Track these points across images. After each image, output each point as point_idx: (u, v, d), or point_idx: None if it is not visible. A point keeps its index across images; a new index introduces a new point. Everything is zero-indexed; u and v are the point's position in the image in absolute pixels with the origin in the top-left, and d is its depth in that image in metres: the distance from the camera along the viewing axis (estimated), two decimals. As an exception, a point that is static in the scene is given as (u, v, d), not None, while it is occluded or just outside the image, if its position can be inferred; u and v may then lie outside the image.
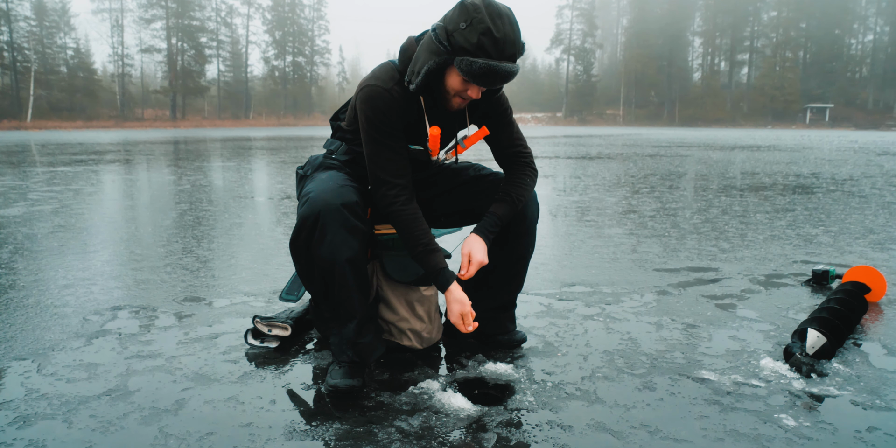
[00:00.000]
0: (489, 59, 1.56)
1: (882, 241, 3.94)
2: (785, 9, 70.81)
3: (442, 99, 1.74)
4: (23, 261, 3.28)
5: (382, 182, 1.76)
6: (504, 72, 1.58)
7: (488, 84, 1.63)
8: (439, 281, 1.77)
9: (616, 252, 3.59)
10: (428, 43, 1.64)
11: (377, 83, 1.74)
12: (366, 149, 1.77)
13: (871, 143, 21.71)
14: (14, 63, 49.28)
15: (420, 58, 1.67)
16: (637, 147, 17.66)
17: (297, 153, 13.80)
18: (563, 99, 73.96)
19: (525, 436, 1.51)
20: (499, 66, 1.57)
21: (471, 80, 1.61)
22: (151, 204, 5.64)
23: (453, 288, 1.76)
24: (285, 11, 66.35)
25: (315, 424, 1.56)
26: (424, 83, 1.68)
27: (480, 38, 1.55)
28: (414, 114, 1.78)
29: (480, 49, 1.56)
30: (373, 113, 1.72)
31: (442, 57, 1.61)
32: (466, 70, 1.58)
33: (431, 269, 1.76)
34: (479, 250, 1.80)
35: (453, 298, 1.76)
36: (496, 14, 1.56)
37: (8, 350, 2.02)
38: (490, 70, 1.57)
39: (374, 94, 1.72)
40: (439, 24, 1.62)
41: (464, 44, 1.57)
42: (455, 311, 1.76)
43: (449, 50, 1.59)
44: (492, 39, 1.55)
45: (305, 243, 1.70)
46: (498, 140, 1.95)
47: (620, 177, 8.41)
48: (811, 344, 1.94)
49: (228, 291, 2.73)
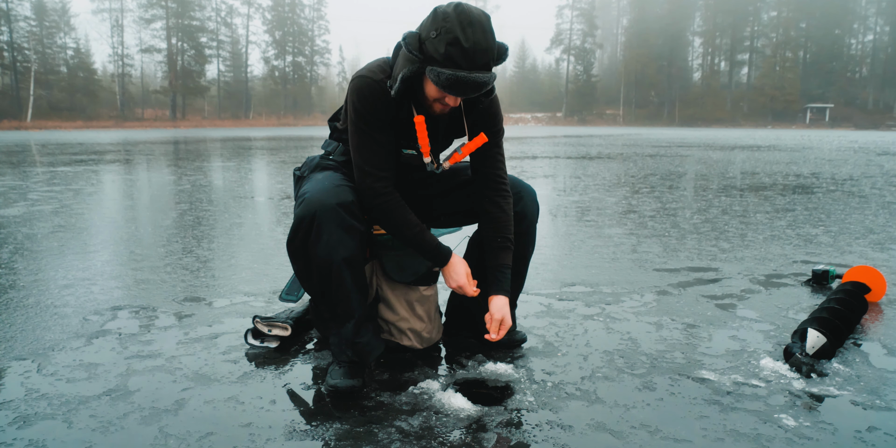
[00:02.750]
0: (457, 70, 1.54)
1: (882, 241, 3.94)
2: (785, 9, 70.80)
3: (424, 105, 1.74)
4: (23, 261, 3.28)
5: (367, 174, 1.74)
6: (473, 83, 1.56)
7: (460, 94, 1.60)
8: (441, 254, 1.79)
9: (616, 252, 3.59)
10: (404, 50, 1.63)
11: (368, 74, 1.73)
12: (351, 140, 1.77)
13: (871, 143, 21.71)
14: (14, 63, 49.27)
15: (398, 64, 1.67)
16: (637, 147, 17.66)
17: (296, 153, 13.80)
18: (563, 99, 73.94)
19: (525, 436, 1.51)
20: (468, 76, 1.54)
21: (441, 89, 1.60)
22: (151, 204, 5.64)
23: (454, 258, 1.81)
24: (285, 11, 66.33)
25: (315, 424, 1.56)
26: (403, 89, 1.67)
27: (448, 49, 1.53)
28: (403, 110, 1.77)
29: (448, 59, 1.54)
30: (361, 104, 1.72)
31: (415, 65, 1.60)
32: (435, 80, 1.57)
33: (428, 245, 1.78)
34: (509, 315, 1.80)
35: (456, 262, 1.81)
36: (467, 22, 1.53)
37: (8, 350, 2.02)
38: (458, 81, 1.55)
39: (364, 84, 1.72)
40: (413, 33, 1.60)
41: (433, 53, 1.55)
42: (461, 271, 1.80)
43: (421, 59, 1.58)
44: (460, 50, 1.52)
45: (302, 243, 1.70)
46: (482, 159, 1.89)
47: (620, 177, 8.41)
48: (811, 344, 1.94)
49: (228, 291, 2.73)
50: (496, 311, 1.79)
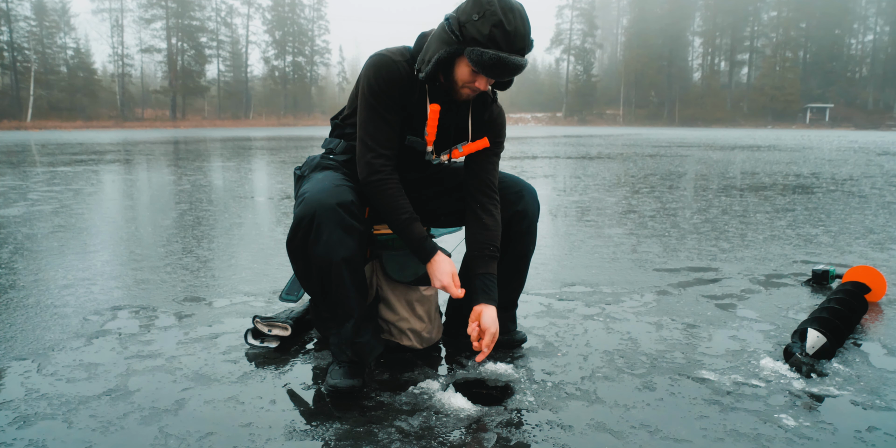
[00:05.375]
0: (499, 51, 1.60)
1: (882, 241, 3.94)
2: (785, 9, 70.81)
3: (450, 89, 1.76)
4: (23, 261, 3.28)
5: (369, 149, 1.75)
6: (513, 64, 1.62)
7: (497, 75, 1.66)
8: (426, 248, 1.77)
9: (616, 252, 3.59)
10: (440, 32, 1.68)
11: (388, 54, 1.77)
12: (360, 116, 1.78)
13: (871, 143, 21.71)
14: (14, 63, 49.28)
15: (431, 47, 1.70)
16: (637, 147, 17.66)
17: (296, 153, 13.80)
18: (563, 99, 73.96)
19: (525, 436, 1.51)
20: (508, 58, 1.61)
21: (480, 70, 1.64)
22: (151, 204, 5.64)
23: (438, 256, 1.77)
24: (285, 11, 66.35)
25: (315, 424, 1.56)
26: (434, 71, 1.70)
27: (492, 30, 1.58)
28: (415, 95, 1.79)
29: (491, 40, 1.59)
30: (376, 80, 1.74)
31: (453, 46, 1.64)
32: (476, 60, 1.62)
33: (415, 236, 1.76)
34: (494, 322, 1.73)
35: (441, 260, 1.76)
36: (508, 8, 1.60)
37: (8, 350, 2.02)
38: (500, 61, 1.60)
39: (382, 62, 1.75)
40: (452, 15, 1.66)
41: (475, 35, 1.60)
42: (447, 270, 1.75)
43: (460, 40, 1.63)
44: (503, 32, 1.58)
45: (302, 243, 1.69)
46: (479, 164, 1.90)
47: (620, 177, 8.41)
48: (811, 344, 1.94)
49: (228, 291, 2.73)
50: (488, 321, 1.72)
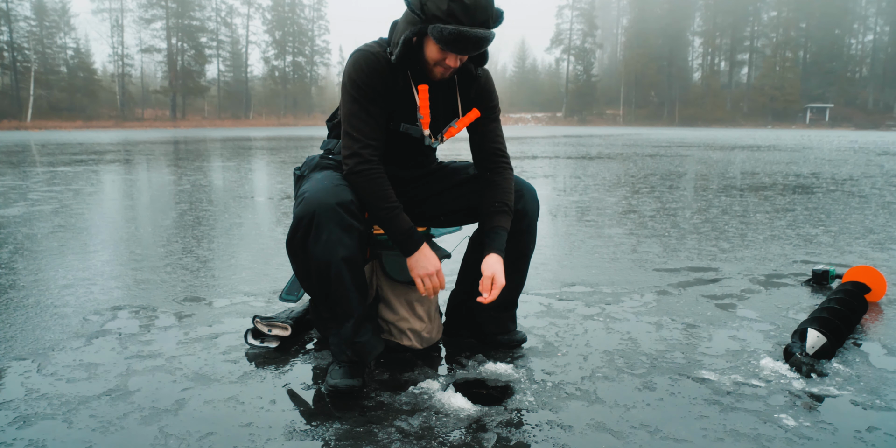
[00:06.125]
0: (460, 25, 1.61)
1: (882, 241, 3.94)
2: (785, 9, 70.82)
3: (425, 70, 1.77)
4: (23, 261, 3.28)
5: (355, 140, 1.74)
6: (475, 37, 1.62)
7: (461, 50, 1.66)
8: (413, 239, 1.74)
9: (616, 252, 3.59)
10: (405, 14, 1.71)
11: (365, 47, 1.79)
12: (343, 109, 1.79)
13: (871, 143, 21.71)
14: (14, 63, 49.28)
15: (398, 29, 1.73)
16: (637, 147, 17.66)
17: (296, 153, 13.80)
18: (563, 99, 73.96)
19: (525, 436, 1.51)
20: (469, 31, 1.61)
21: (443, 47, 1.65)
22: (151, 204, 5.64)
23: (424, 248, 1.76)
24: (285, 11, 66.34)
25: (315, 424, 1.56)
26: (403, 53, 1.71)
27: (450, 5, 1.59)
28: (399, 82, 1.79)
29: (451, 15, 1.60)
30: (356, 74, 1.75)
31: (417, 26, 1.66)
32: (438, 37, 1.62)
33: (400, 228, 1.74)
34: (501, 272, 1.76)
35: (427, 251, 1.75)
36: None
37: (8, 350, 2.02)
38: (461, 35, 1.61)
39: (360, 56, 1.77)
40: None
41: (435, 11, 1.61)
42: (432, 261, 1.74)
43: (423, 18, 1.64)
44: (461, 5, 1.59)
45: (302, 243, 1.70)
46: (481, 134, 1.94)
47: (620, 177, 8.41)
48: (811, 344, 1.94)
49: (228, 291, 2.73)
50: (487, 268, 1.75)
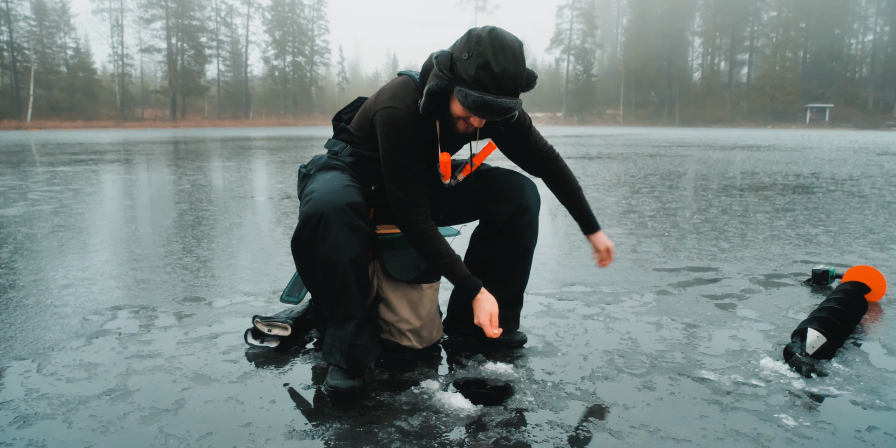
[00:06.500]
0: (485, 93, 1.56)
1: (882, 241, 3.94)
2: (785, 9, 70.77)
3: (449, 122, 1.76)
4: (23, 261, 3.28)
5: (403, 202, 1.77)
6: (500, 107, 1.58)
7: (485, 116, 1.63)
8: (469, 286, 1.80)
9: (616, 252, 3.59)
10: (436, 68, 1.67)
11: (399, 105, 1.74)
12: (385, 169, 1.78)
13: (871, 143, 21.71)
14: (14, 63, 49.25)
15: (429, 77, 1.69)
16: (637, 147, 17.65)
17: (297, 153, 13.80)
18: (563, 99, 73.92)
19: (525, 436, 1.51)
20: (494, 101, 1.56)
21: (467, 110, 1.63)
22: (151, 204, 5.64)
23: (482, 294, 1.81)
24: (285, 11, 66.29)
25: (315, 424, 1.56)
26: (428, 104, 1.69)
27: (478, 72, 1.55)
28: (429, 134, 1.80)
29: (477, 82, 1.56)
30: (395, 136, 1.74)
31: (444, 82, 1.62)
32: (462, 101, 1.60)
33: (460, 276, 1.79)
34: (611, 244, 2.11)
35: (484, 298, 1.80)
36: (499, 48, 1.55)
37: (8, 350, 2.02)
38: (484, 104, 1.57)
39: (396, 116, 1.73)
40: (445, 52, 1.63)
41: (463, 74, 1.58)
42: (486, 309, 1.79)
43: (450, 77, 1.61)
44: (489, 74, 1.55)
45: (308, 242, 1.69)
46: (525, 148, 1.99)
47: (620, 177, 8.41)
48: (811, 344, 1.95)
49: (228, 291, 2.73)
50: (600, 243, 2.10)
